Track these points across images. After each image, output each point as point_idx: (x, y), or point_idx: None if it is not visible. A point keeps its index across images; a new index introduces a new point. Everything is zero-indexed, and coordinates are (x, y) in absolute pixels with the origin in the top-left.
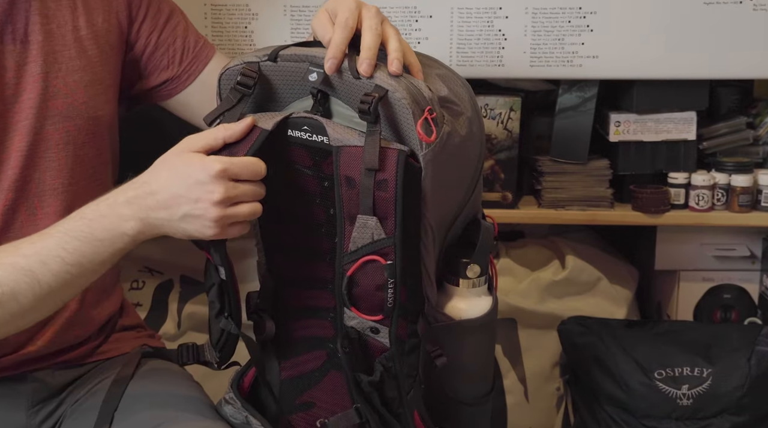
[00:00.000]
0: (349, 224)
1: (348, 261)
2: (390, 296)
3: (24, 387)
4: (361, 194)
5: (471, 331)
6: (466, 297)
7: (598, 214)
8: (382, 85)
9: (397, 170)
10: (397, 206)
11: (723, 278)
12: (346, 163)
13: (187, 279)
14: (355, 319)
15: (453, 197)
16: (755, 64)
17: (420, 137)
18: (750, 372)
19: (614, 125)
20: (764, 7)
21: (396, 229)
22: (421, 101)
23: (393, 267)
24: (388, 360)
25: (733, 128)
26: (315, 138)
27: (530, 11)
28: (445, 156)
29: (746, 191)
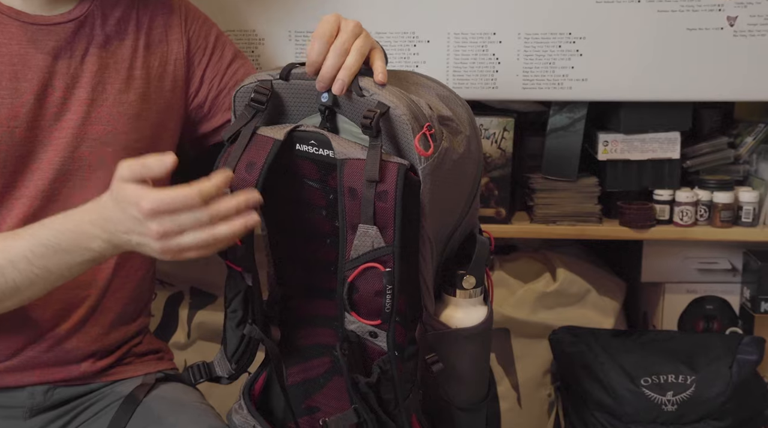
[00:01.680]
0: (351, 233)
1: (349, 268)
2: (388, 301)
3: (22, 400)
4: (363, 204)
5: (466, 339)
6: (462, 307)
7: (587, 229)
8: (384, 102)
9: (397, 182)
10: (396, 216)
11: (706, 290)
12: (349, 175)
13: (197, 291)
14: (354, 323)
15: (451, 211)
16: (736, 87)
17: (417, 150)
18: (731, 379)
19: (602, 145)
20: (744, 33)
21: (395, 238)
22: (421, 118)
23: (391, 274)
24: (386, 363)
25: (715, 147)
26: (321, 152)
27: (523, 36)
28: (443, 171)
29: (727, 207)
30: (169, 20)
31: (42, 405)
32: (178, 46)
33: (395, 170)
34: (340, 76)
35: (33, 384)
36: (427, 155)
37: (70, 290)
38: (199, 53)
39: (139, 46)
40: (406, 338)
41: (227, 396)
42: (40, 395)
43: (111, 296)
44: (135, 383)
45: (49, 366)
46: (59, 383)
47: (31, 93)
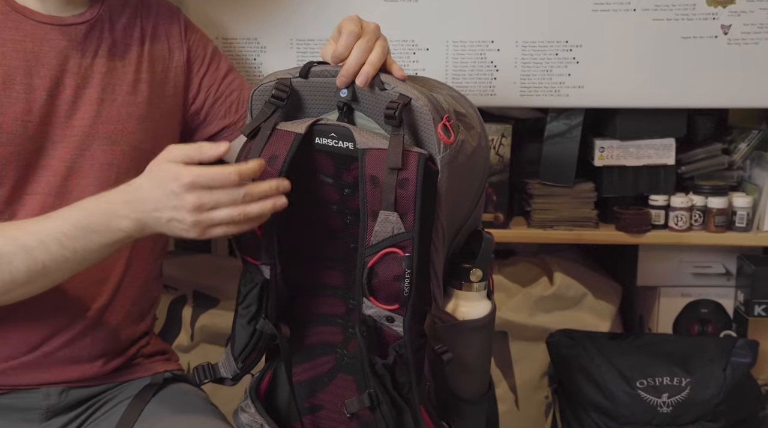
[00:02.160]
0: (371, 220)
1: (369, 253)
2: (407, 285)
3: (37, 401)
4: (384, 191)
5: (473, 331)
6: (469, 300)
7: (583, 234)
8: (406, 94)
9: (418, 170)
10: (417, 203)
11: (700, 293)
12: (371, 164)
13: (200, 294)
14: (372, 308)
15: (462, 204)
16: (730, 95)
17: (440, 137)
18: (725, 381)
19: (599, 151)
20: (737, 41)
21: (415, 224)
22: (440, 110)
23: (410, 259)
24: (401, 347)
25: (709, 153)
26: (341, 144)
27: (520, 44)
28: (458, 163)
29: (722, 212)
30: (170, 29)
31: (57, 407)
32: (179, 54)
33: (416, 159)
34: (365, 70)
35: (48, 383)
36: (449, 142)
37: (85, 287)
38: (198, 62)
39: (144, 51)
40: (415, 330)
41: (230, 399)
42: (55, 396)
43: (122, 294)
44: (144, 383)
45: (64, 364)
46: (74, 383)
47: (43, 89)
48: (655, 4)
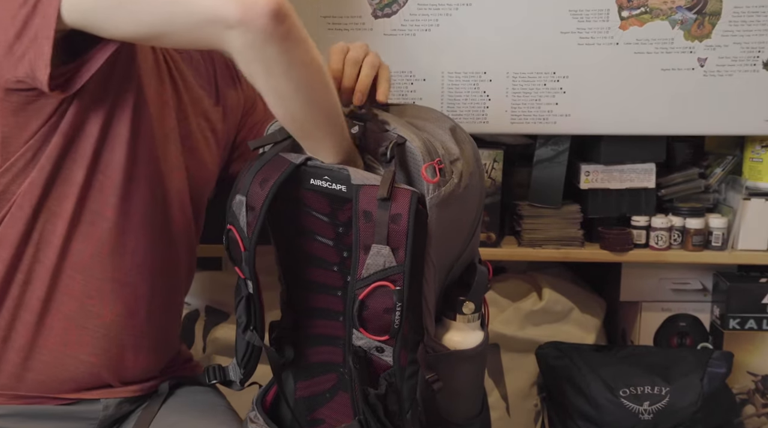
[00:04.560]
0: (363, 254)
1: (360, 286)
2: (397, 318)
3: (97, 412)
4: (377, 225)
5: (463, 361)
6: (461, 331)
7: (570, 252)
8: (403, 136)
9: (410, 206)
10: (408, 238)
11: (679, 308)
12: (365, 199)
13: (211, 309)
14: (362, 339)
15: (455, 240)
16: (706, 123)
17: (423, 177)
18: (703, 390)
19: (584, 175)
20: (713, 73)
21: (406, 258)
22: (433, 154)
23: (401, 292)
24: (391, 376)
25: (687, 177)
26: (334, 187)
27: (511, 75)
28: (449, 205)
29: (699, 232)
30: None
31: (112, 418)
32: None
33: (408, 196)
34: (358, 88)
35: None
36: (432, 182)
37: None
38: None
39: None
40: (407, 358)
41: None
42: (113, 407)
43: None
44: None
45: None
46: (133, 394)
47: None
48: (636, 38)
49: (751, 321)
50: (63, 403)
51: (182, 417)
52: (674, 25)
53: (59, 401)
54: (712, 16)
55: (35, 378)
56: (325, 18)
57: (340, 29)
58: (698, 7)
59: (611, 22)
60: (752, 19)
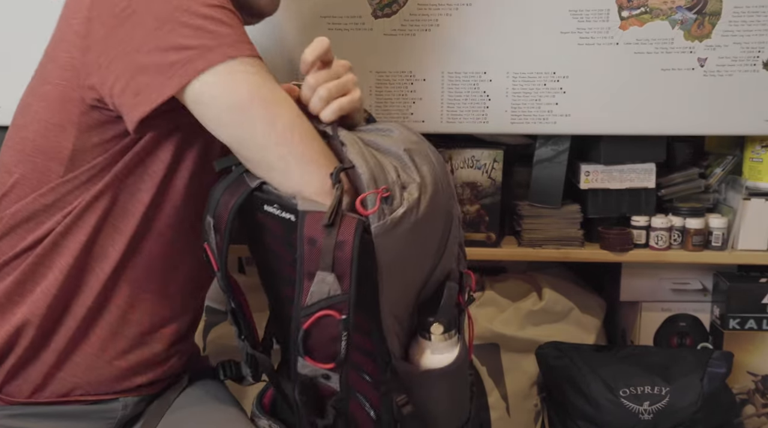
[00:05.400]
0: (307, 281)
1: (304, 315)
2: (343, 347)
3: (116, 411)
4: (323, 252)
5: (436, 379)
6: (433, 349)
7: (570, 252)
8: (353, 161)
9: (356, 234)
10: (353, 267)
11: (679, 308)
12: (309, 225)
13: (211, 309)
14: (308, 367)
15: (419, 263)
16: (706, 123)
17: (358, 209)
18: (703, 390)
19: (584, 175)
20: (713, 73)
21: (351, 286)
22: (380, 181)
23: (347, 322)
24: (339, 402)
25: (687, 177)
26: (284, 215)
27: (511, 75)
28: (403, 231)
29: (699, 232)
30: None
31: (130, 416)
32: None
33: (354, 224)
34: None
35: (128, 393)
36: (365, 213)
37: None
38: None
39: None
40: (375, 380)
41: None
42: (131, 406)
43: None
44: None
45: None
46: (150, 394)
47: None
48: (636, 38)
49: (751, 321)
50: (83, 403)
51: (191, 411)
52: (674, 25)
53: (79, 401)
54: (712, 16)
55: (66, 379)
56: (325, 18)
57: (340, 29)
58: (698, 7)
59: (611, 22)
60: (752, 19)
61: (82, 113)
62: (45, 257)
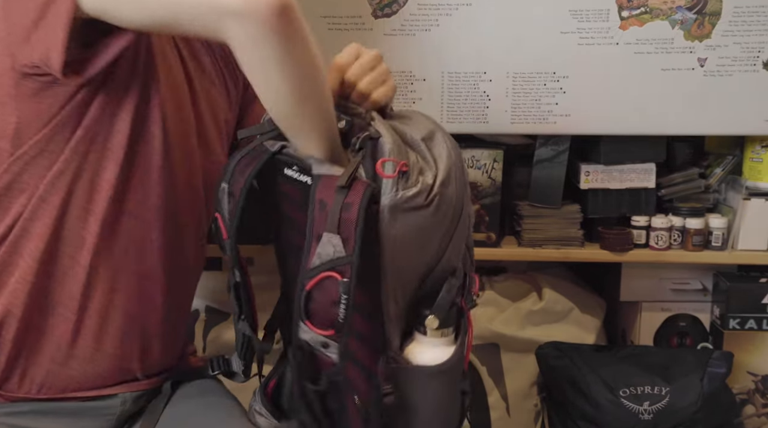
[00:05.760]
0: (315, 243)
1: (308, 276)
2: (342, 311)
3: (115, 407)
4: (330, 213)
5: (427, 377)
6: (428, 345)
7: (570, 252)
8: (379, 131)
9: (363, 197)
10: (358, 228)
11: (679, 308)
12: (322, 188)
13: (211, 309)
14: (308, 333)
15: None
16: (706, 123)
17: (377, 170)
18: (703, 390)
19: (584, 175)
20: (713, 73)
21: (355, 248)
22: (403, 156)
23: (348, 285)
24: (335, 374)
25: (687, 177)
26: (301, 178)
27: (511, 75)
28: (406, 211)
29: (699, 232)
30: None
31: (130, 412)
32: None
33: (363, 187)
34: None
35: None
36: (386, 177)
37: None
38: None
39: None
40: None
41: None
42: (130, 402)
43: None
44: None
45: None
46: (148, 389)
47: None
48: (636, 38)
49: (751, 321)
50: (81, 400)
51: (189, 410)
52: (674, 25)
53: (78, 398)
54: (712, 16)
55: (63, 373)
56: (325, 18)
57: (340, 29)
58: (698, 7)
59: (611, 22)
60: (752, 19)
61: (17, 84)
62: (16, 244)
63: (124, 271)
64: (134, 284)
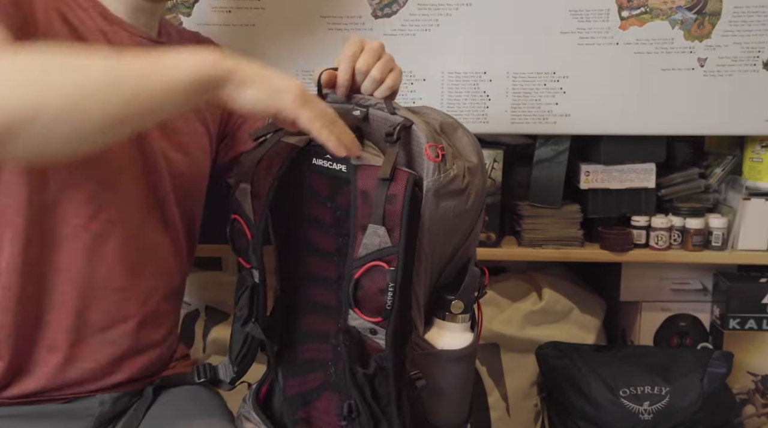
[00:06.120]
0: (360, 233)
1: (356, 266)
2: (390, 299)
3: (93, 408)
4: (374, 205)
5: (451, 361)
6: (450, 330)
7: (570, 252)
8: (410, 119)
9: (407, 187)
10: (403, 219)
11: (679, 308)
12: (363, 179)
13: (211, 309)
14: (357, 320)
15: (450, 236)
16: (706, 123)
17: (426, 154)
18: (702, 390)
19: (584, 175)
20: (713, 73)
21: (401, 239)
22: (438, 141)
23: (395, 273)
24: (383, 359)
25: (687, 177)
26: (335, 166)
27: (511, 75)
28: (446, 196)
29: (699, 232)
30: None
31: (110, 414)
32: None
33: (405, 177)
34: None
35: (104, 390)
36: (435, 160)
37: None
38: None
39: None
40: (396, 355)
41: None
42: (109, 403)
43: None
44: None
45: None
46: (128, 390)
47: None
48: (636, 38)
49: (751, 321)
50: (60, 402)
51: (175, 414)
52: (674, 25)
53: (55, 400)
54: (712, 16)
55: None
56: (325, 18)
57: (340, 29)
58: (698, 7)
59: (611, 22)
60: (752, 19)
61: None
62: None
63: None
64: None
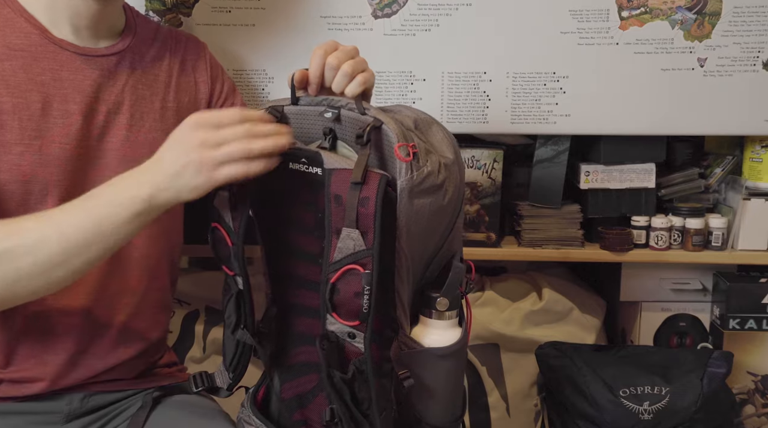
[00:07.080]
0: (335, 237)
1: (332, 270)
2: (366, 302)
3: (60, 406)
4: (347, 209)
5: (439, 359)
6: (436, 328)
7: (570, 252)
8: (379, 119)
9: (378, 189)
10: (376, 221)
11: (679, 308)
12: (336, 183)
13: (211, 309)
14: (335, 324)
15: (430, 234)
16: (706, 123)
17: (396, 154)
18: (702, 390)
19: (584, 175)
20: (713, 73)
21: (374, 241)
22: (409, 139)
23: (370, 276)
24: (362, 363)
25: (687, 177)
26: (311, 170)
27: (511, 75)
28: (422, 194)
29: (699, 232)
30: (196, 64)
31: (78, 411)
32: (204, 87)
33: (377, 179)
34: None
35: (72, 390)
36: (406, 160)
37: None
38: (217, 96)
39: (171, 82)
40: (381, 356)
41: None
42: (77, 401)
43: (146, 304)
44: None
45: (89, 372)
46: (97, 390)
47: (79, 114)
48: (636, 38)
49: (751, 321)
50: (27, 399)
51: (177, 420)
52: (674, 25)
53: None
54: (712, 16)
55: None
56: (325, 18)
57: (340, 29)
58: (698, 7)
59: (611, 22)
60: (752, 19)
61: None
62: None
63: None
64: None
